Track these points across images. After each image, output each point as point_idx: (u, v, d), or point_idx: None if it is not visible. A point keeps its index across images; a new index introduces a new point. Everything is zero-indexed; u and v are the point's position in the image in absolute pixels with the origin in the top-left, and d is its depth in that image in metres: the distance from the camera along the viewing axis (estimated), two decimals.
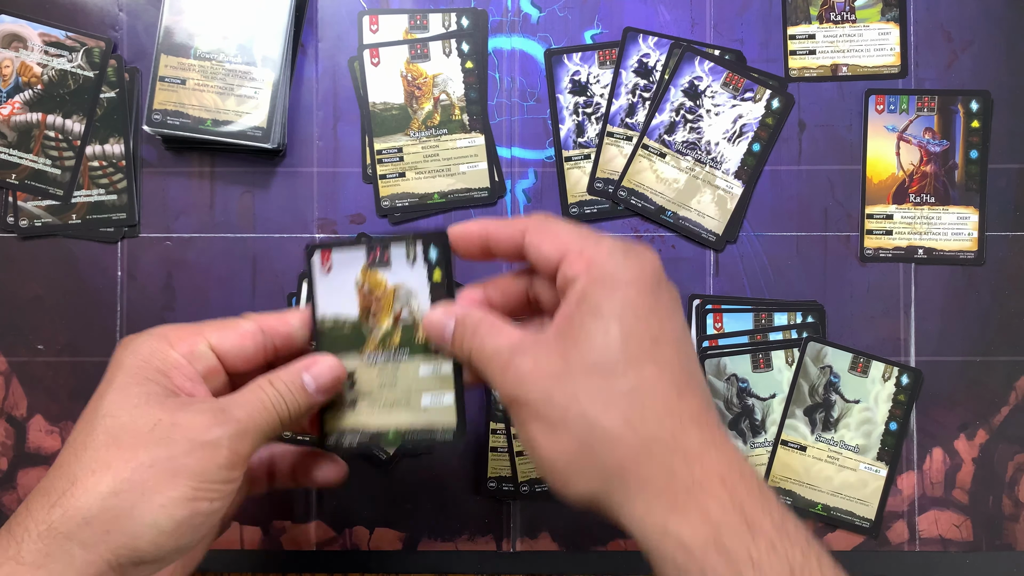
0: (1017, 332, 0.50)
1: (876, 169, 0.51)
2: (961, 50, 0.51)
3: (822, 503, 0.49)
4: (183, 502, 0.32)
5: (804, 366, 0.49)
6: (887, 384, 0.49)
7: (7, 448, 0.51)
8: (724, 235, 0.51)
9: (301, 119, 0.51)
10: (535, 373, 0.33)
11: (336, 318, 0.39)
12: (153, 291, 0.51)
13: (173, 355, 0.36)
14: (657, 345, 0.32)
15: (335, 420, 0.39)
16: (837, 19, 0.51)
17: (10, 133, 0.51)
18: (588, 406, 0.32)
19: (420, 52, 0.51)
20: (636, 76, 0.51)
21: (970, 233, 0.50)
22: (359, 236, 0.49)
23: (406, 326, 0.39)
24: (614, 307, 0.32)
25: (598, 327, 0.32)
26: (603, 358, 0.32)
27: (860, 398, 0.49)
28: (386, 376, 0.39)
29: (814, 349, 0.49)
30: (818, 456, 0.49)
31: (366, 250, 0.39)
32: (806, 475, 0.49)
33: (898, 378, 0.49)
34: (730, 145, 0.51)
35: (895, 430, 0.49)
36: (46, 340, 0.51)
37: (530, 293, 0.38)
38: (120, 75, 0.51)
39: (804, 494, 0.49)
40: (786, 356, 0.49)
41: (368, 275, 0.39)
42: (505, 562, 0.50)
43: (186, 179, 0.51)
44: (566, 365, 0.32)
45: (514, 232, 0.36)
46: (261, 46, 0.49)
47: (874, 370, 0.49)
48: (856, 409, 0.49)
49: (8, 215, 0.51)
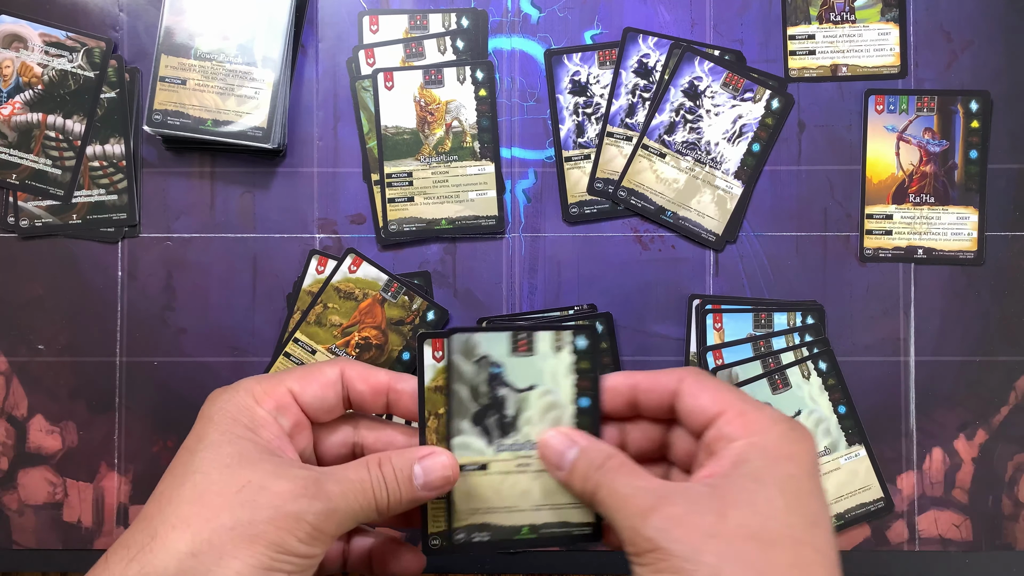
0: (1017, 332, 0.50)
1: (876, 169, 0.51)
2: (961, 50, 0.51)
3: (527, 524, 0.38)
4: (258, 570, 0.31)
5: (454, 366, 0.37)
6: (561, 355, 0.38)
7: (8, 448, 0.51)
8: (724, 235, 0.51)
9: (301, 119, 0.51)
10: (686, 527, 0.31)
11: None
12: (153, 291, 0.51)
13: (260, 412, 0.35)
14: (816, 528, 0.32)
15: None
16: (837, 19, 0.51)
17: (10, 133, 0.51)
18: (741, 572, 0.30)
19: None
20: (636, 76, 0.51)
21: (970, 233, 0.50)
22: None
23: None
24: (778, 479, 0.32)
25: (761, 495, 0.31)
26: (765, 528, 0.31)
27: (534, 383, 0.38)
28: None
29: (460, 342, 0.37)
30: (505, 470, 0.37)
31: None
32: (498, 498, 0.37)
33: (573, 342, 0.38)
34: (730, 145, 0.51)
35: (588, 406, 0.37)
36: (46, 340, 0.51)
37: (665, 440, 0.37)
38: (120, 75, 0.51)
39: (505, 522, 0.37)
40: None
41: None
42: (505, 562, 0.50)
43: (186, 179, 0.51)
44: (723, 525, 0.31)
45: (668, 381, 0.35)
46: (261, 46, 0.49)
47: (541, 344, 0.38)
48: (534, 397, 0.38)
49: (8, 215, 0.51)
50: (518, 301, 0.51)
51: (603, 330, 0.50)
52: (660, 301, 0.51)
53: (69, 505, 0.51)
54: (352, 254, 0.50)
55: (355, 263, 0.50)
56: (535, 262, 0.51)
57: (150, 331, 0.51)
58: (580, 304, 0.51)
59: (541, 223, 0.51)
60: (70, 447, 0.51)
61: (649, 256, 0.51)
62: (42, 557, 0.51)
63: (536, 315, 0.50)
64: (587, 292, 0.51)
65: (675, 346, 0.51)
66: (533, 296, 0.51)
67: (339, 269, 0.50)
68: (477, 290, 0.51)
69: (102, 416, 0.51)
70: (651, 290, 0.51)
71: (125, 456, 0.51)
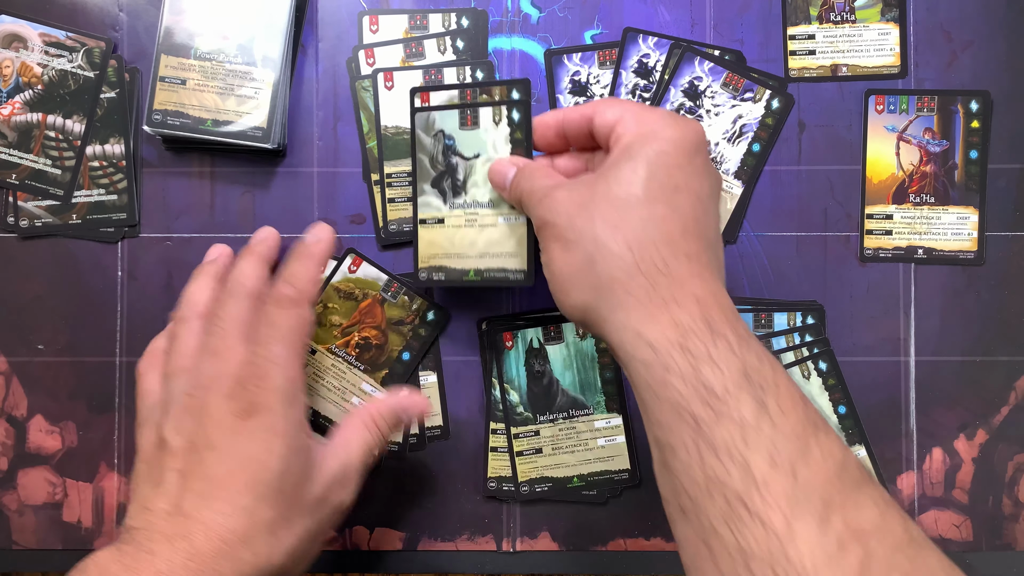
0: (1017, 332, 0.50)
1: (876, 169, 0.51)
2: (961, 50, 0.51)
3: (473, 268, 0.46)
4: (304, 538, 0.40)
5: (418, 139, 0.46)
6: (500, 127, 0.45)
7: (7, 448, 0.51)
8: (724, 235, 0.51)
9: (301, 119, 0.51)
10: (565, 202, 0.38)
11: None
12: (153, 291, 0.51)
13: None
14: (676, 192, 0.37)
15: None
16: (837, 19, 0.51)
17: (10, 133, 0.51)
18: (600, 229, 0.36)
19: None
20: (636, 76, 0.51)
21: (970, 233, 0.50)
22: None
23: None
24: (647, 153, 0.37)
25: (628, 167, 0.37)
26: (624, 192, 0.37)
27: (479, 151, 0.45)
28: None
29: (422, 119, 0.46)
30: (457, 224, 0.46)
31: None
32: (451, 246, 0.46)
33: (508, 115, 0.45)
34: (730, 145, 0.51)
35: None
36: (46, 340, 0.51)
37: (589, 166, 0.44)
38: (120, 75, 0.51)
39: (455, 265, 0.46)
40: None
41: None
42: (505, 562, 0.50)
43: (186, 179, 0.51)
44: (592, 196, 0.37)
45: (587, 108, 0.41)
46: (261, 46, 0.49)
47: (483, 118, 0.45)
48: (479, 164, 0.45)
49: (8, 215, 0.51)
50: (518, 301, 0.51)
51: None
52: None
53: (69, 505, 0.51)
54: (352, 254, 0.50)
55: (355, 263, 0.50)
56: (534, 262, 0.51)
57: (150, 331, 0.50)
58: None
59: None
60: (70, 447, 0.51)
61: None
62: (42, 557, 0.51)
63: (536, 315, 0.50)
64: None
65: None
66: (533, 296, 0.51)
67: (339, 269, 0.50)
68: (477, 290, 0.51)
69: (102, 416, 0.51)
70: None
71: (125, 456, 0.51)
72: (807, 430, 0.32)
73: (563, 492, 0.50)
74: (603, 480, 0.50)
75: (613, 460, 0.50)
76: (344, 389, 0.50)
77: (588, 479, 0.50)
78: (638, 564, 0.50)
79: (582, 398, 0.50)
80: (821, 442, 0.32)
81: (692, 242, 0.36)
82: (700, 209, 0.37)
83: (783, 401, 0.33)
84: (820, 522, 0.30)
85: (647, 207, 0.36)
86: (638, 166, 0.37)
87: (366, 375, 0.50)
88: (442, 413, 0.51)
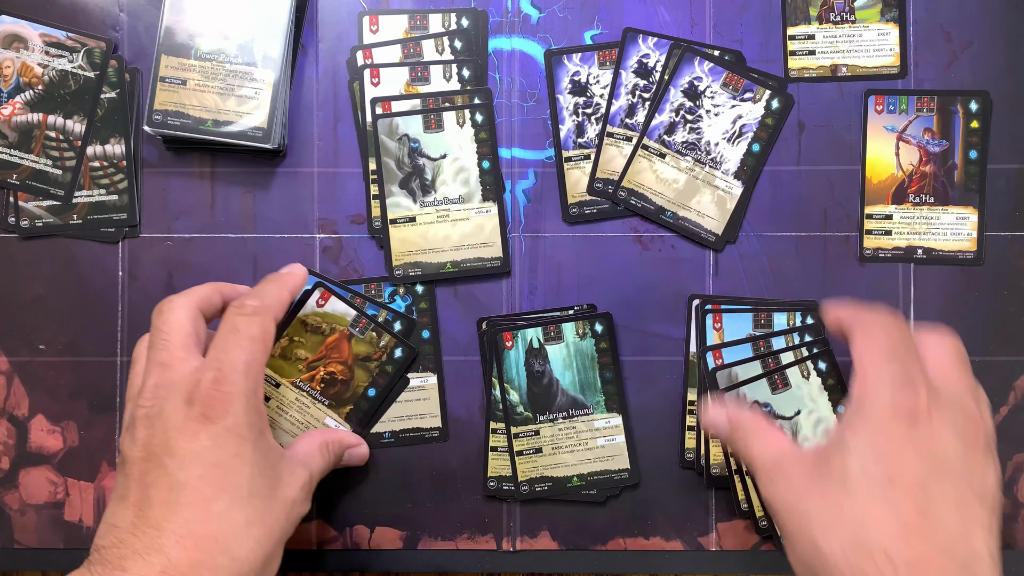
0: (1016, 332, 0.50)
1: (875, 169, 0.51)
2: (961, 50, 0.51)
3: (449, 260, 0.49)
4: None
5: (382, 144, 0.49)
6: (465, 128, 0.48)
7: (9, 448, 0.51)
8: (724, 235, 0.51)
9: (301, 119, 0.51)
10: (786, 488, 0.37)
11: None
12: (154, 291, 0.51)
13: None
14: (891, 485, 0.34)
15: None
16: (836, 19, 0.51)
17: (11, 133, 0.51)
18: (815, 528, 0.35)
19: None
20: (636, 76, 0.51)
21: (969, 233, 0.50)
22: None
23: None
24: (858, 443, 0.35)
25: (839, 458, 0.35)
26: (834, 485, 0.35)
27: (445, 151, 0.49)
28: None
29: (384, 125, 0.49)
30: (428, 221, 0.49)
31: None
32: (425, 242, 0.49)
33: (472, 118, 0.49)
34: (730, 145, 0.51)
35: (488, 167, 0.49)
36: (47, 340, 0.51)
37: None
38: (121, 75, 0.51)
39: (431, 259, 0.49)
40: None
41: None
42: (505, 561, 0.50)
43: (187, 179, 0.51)
44: (810, 487, 0.36)
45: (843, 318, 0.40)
46: (261, 46, 0.49)
47: (447, 120, 0.49)
48: (446, 163, 0.48)
49: (9, 215, 0.51)
50: (518, 301, 0.51)
51: (603, 330, 0.50)
52: (660, 301, 0.51)
53: (70, 505, 0.51)
54: (321, 287, 0.49)
55: (323, 297, 0.49)
56: (535, 262, 0.51)
57: None
58: (580, 304, 0.51)
59: (541, 223, 0.51)
60: (71, 447, 0.51)
61: (649, 256, 0.51)
62: (43, 556, 0.51)
63: (536, 315, 0.50)
64: (587, 292, 0.51)
65: (675, 346, 0.51)
66: (533, 296, 0.51)
67: (307, 303, 0.49)
68: (477, 290, 0.51)
69: (103, 416, 0.51)
70: (651, 290, 0.51)
71: None
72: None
73: (563, 492, 0.50)
74: (603, 480, 0.50)
75: (613, 460, 0.50)
76: (307, 423, 0.49)
77: (588, 479, 0.50)
78: (638, 564, 0.50)
79: (582, 398, 0.50)
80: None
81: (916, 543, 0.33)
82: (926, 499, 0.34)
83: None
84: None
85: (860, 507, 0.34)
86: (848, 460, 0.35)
87: (330, 410, 0.49)
88: (442, 413, 0.51)
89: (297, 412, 0.49)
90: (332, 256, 0.51)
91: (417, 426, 0.51)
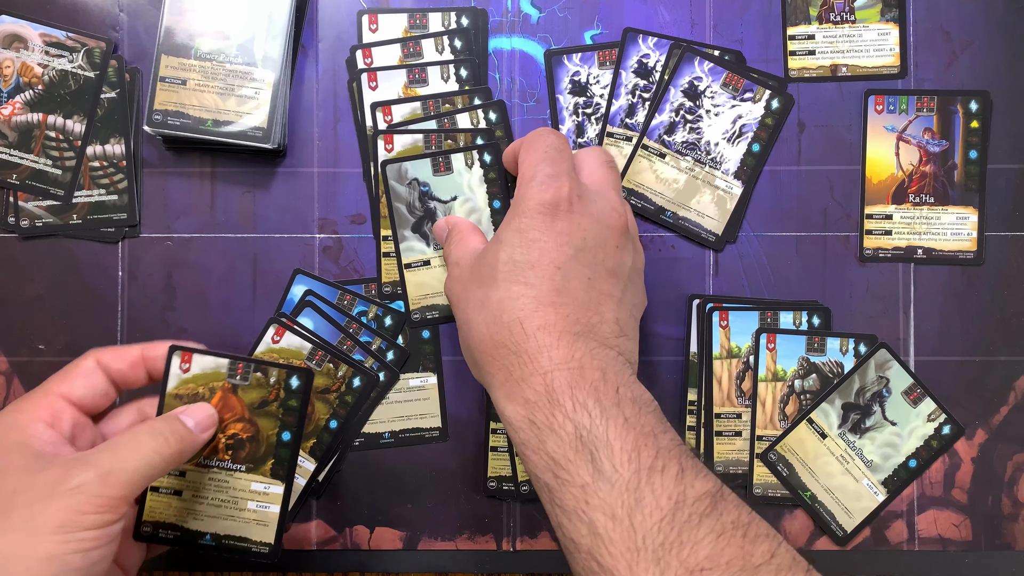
0: (1016, 332, 0.50)
1: (875, 169, 0.51)
2: (960, 50, 0.51)
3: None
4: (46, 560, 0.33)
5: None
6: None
7: None
8: (724, 235, 0.51)
9: (301, 119, 0.51)
10: (455, 281, 0.42)
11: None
12: (154, 291, 0.51)
13: (31, 427, 0.38)
14: (532, 269, 0.38)
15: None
16: (837, 19, 0.51)
17: (11, 133, 0.51)
18: (470, 312, 0.40)
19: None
20: (636, 76, 0.51)
21: (969, 233, 0.50)
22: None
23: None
24: (509, 235, 0.39)
25: (494, 251, 0.40)
26: (487, 274, 0.39)
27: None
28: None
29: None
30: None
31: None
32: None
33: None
34: (730, 145, 0.51)
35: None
36: (47, 340, 0.51)
37: None
38: (121, 75, 0.51)
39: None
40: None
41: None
42: (505, 561, 0.50)
43: (187, 179, 0.51)
44: (471, 277, 0.41)
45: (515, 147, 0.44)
46: (261, 46, 0.49)
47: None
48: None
49: (9, 215, 0.51)
50: None
51: None
52: (660, 301, 0.51)
53: None
54: (178, 351, 0.43)
55: (185, 359, 0.43)
56: None
57: (150, 331, 0.51)
58: None
59: None
60: None
61: (649, 256, 0.51)
62: None
63: None
64: None
65: (675, 346, 0.51)
66: None
67: (169, 374, 0.43)
68: None
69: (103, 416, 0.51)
70: (651, 290, 0.51)
71: None
72: (641, 477, 0.34)
73: None
74: None
75: None
76: (234, 499, 0.44)
77: None
78: None
79: None
80: (655, 486, 0.34)
81: (548, 312, 0.38)
82: (559, 278, 0.38)
83: (615, 456, 0.34)
84: (659, 566, 0.32)
85: (503, 288, 0.38)
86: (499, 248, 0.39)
87: (251, 473, 0.44)
88: (442, 413, 0.51)
89: (217, 491, 0.44)
90: (332, 256, 0.51)
91: (417, 426, 0.51)
